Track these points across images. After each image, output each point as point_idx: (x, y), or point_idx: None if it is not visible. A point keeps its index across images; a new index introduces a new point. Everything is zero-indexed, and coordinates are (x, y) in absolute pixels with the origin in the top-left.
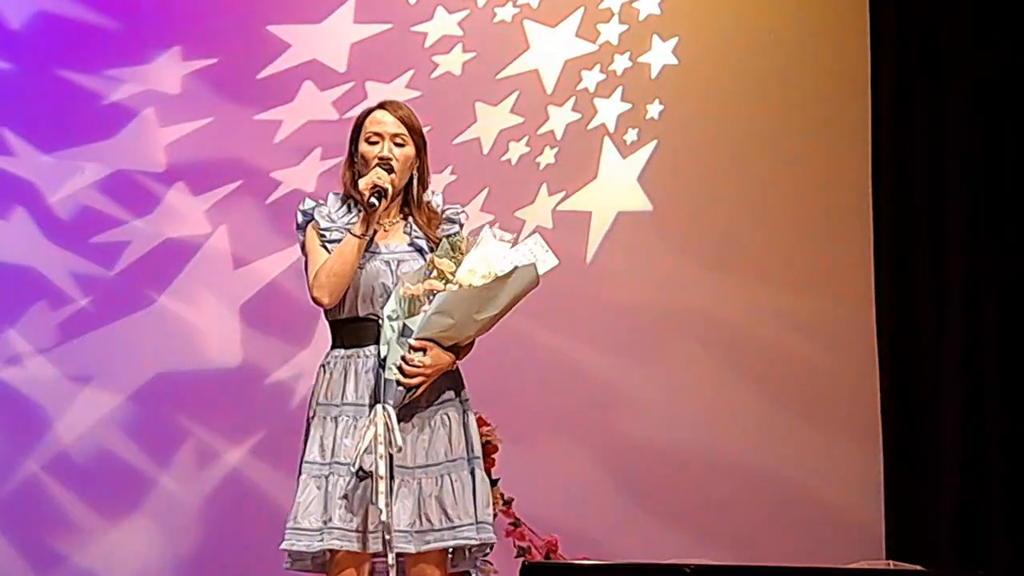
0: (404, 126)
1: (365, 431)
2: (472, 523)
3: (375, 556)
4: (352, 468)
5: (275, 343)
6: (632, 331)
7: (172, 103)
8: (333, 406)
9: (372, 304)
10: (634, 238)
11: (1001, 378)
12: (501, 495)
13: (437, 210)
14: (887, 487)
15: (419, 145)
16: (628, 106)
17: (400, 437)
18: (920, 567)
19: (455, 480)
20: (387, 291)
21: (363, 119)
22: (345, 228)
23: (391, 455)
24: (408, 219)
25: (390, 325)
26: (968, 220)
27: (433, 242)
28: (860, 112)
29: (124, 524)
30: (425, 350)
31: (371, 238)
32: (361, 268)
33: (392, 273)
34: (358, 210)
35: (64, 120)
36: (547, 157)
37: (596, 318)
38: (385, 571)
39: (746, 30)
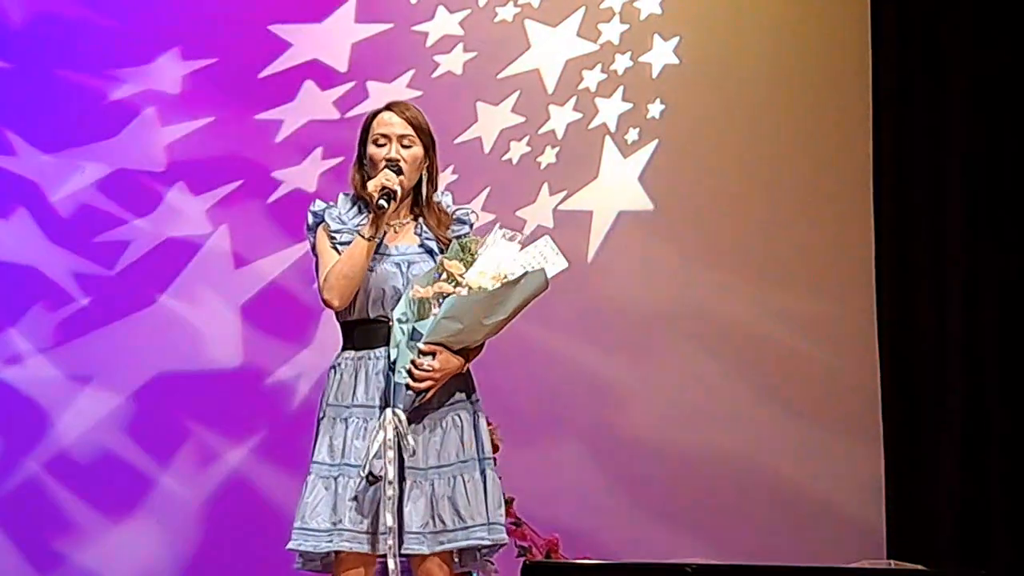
0: (411, 127)
1: (375, 436)
2: (484, 523)
3: (381, 557)
4: (362, 473)
5: (276, 343)
6: (633, 330)
7: (173, 102)
8: (343, 407)
9: (382, 306)
10: (635, 237)
11: (1001, 377)
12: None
13: (447, 210)
14: (888, 486)
15: (427, 145)
16: (629, 106)
17: (412, 440)
18: (921, 566)
19: (467, 481)
20: (397, 293)
21: (370, 121)
22: (355, 229)
23: (402, 458)
24: (418, 220)
25: (400, 328)
26: (968, 219)
27: (443, 243)
28: (861, 111)
29: (125, 524)
30: (434, 354)
31: (381, 240)
32: (371, 270)
33: (402, 275)
34: (368, 211)
35: (65, 120)
36: (548, 156)
37: (597, 317)
38: (386, 572)
39: (747, 29)
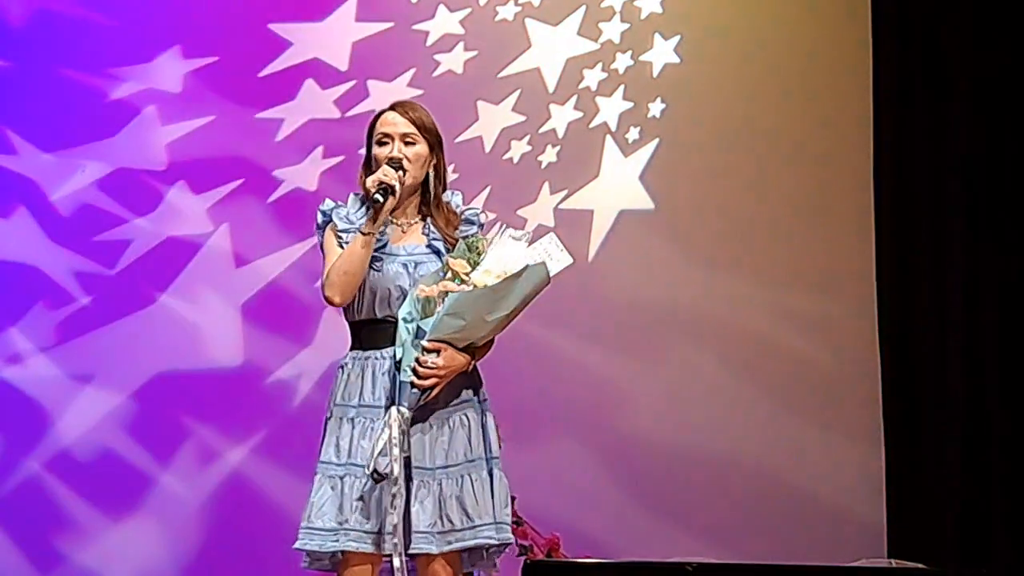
0: (414, 125)
1: (380, 434)
2: (492, 523)
3: (387, 557)
4: (367, 471)
5: (277, 342)
6: (634, 329)
7: (173, 101)
8: (350, 407)
9: (389, 306)
10: (636, 236)
11: (1002, 377)
12: None
13: (456, 211)
14: (889, 486)
15: (433, 144)
16: (630, 104)
17: (408, 440)
18: (922, 565)
19: (475, 480)
20: (403, 293)
21: (375, 121)
22: (359, 228)
23: (408, 456)
24: (426, 220)
25: (405, 327)
26: (969, 220)
27: (450, 243)
28: (862, 111)
29: (125, 523)
30: (439, 352)
31: (387, 239)
32: (378, 270)
33: (409, 275)
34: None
35: (65, 118)
36: (549, 155)
37: (598, 316)
38: (391, 571)
39: (748, 29)
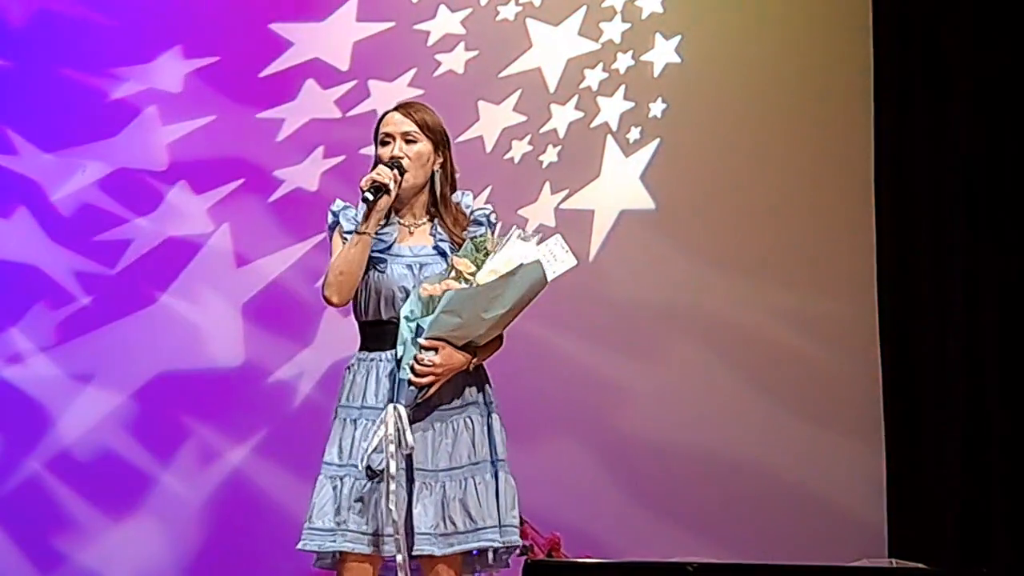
0: (415, 124)
1: (375, 430)
2: (495, 526)
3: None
4: (360, 467)
5: (277, 342)
6: (634, 329)
7: (174, 101)
8: (354, 408)
9: (394, 307)
10: (637, 236)
11: (1002, 377)
12: None
13: (466, 211)
14: (890, 485)
15: (437, 143)
16: (631, 104)
17: (411, 437)
18: (923, 565)
19: (478, 483)
20: (408, 295)
21: (379, 123)
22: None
23: (410, 458)
24: (434, 221)
25: (407, 325)
26: (969, 220)
27: (458, 244)
28: (862, 111)
29: (126, 523)
30: (436, 350)
31: (392, 240)
32: (382, 271)
33: (414, 276)
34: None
35: (66, 118)
36: (550, 155)
37: (599, 316)
38: (395, 570)
39: (749, 28)
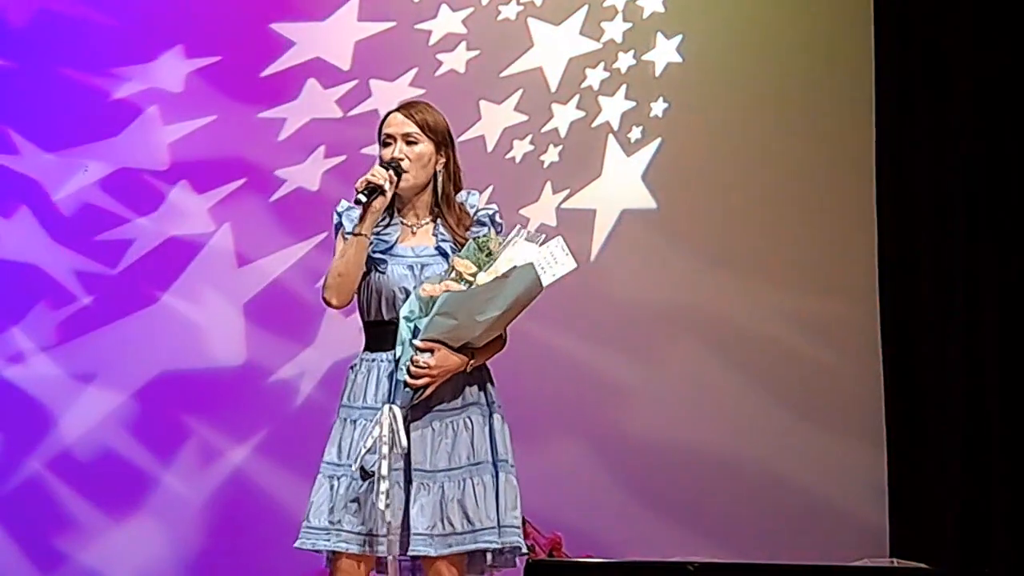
0: (415, 124)
1: (370, 431)
2: (494, 527)
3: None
4: (353, 467)
5: (279, 341)
6: (636, 329)
7: (175, 101)
8: (354, 408)
9: (395, 308)
10: (638, 236)
11: (1003, 377)
12: None
13: (470, 211)
14: (891, 486)
15: (440, 143)
16: (632, 104)
17: (405, 438)
18: (924, 565)
19: (477, 484)
20: (409, 295)
21: (381, 124)
22: (373, 232)
23: (409, 458)
24: (437, 221)
25: (406, 325)
26: (970, 220)
27: (460, 244)
28: (863, 111)
29: (127, 523)
30: (432, 351)
31: (394, 240)
32: (383, 272)
33: (415, 277)
34: (386, 212)
35: (67, 118)
36: (551, 155)
37: (600, 316)
38: (396, 570)
39: (750, 28)
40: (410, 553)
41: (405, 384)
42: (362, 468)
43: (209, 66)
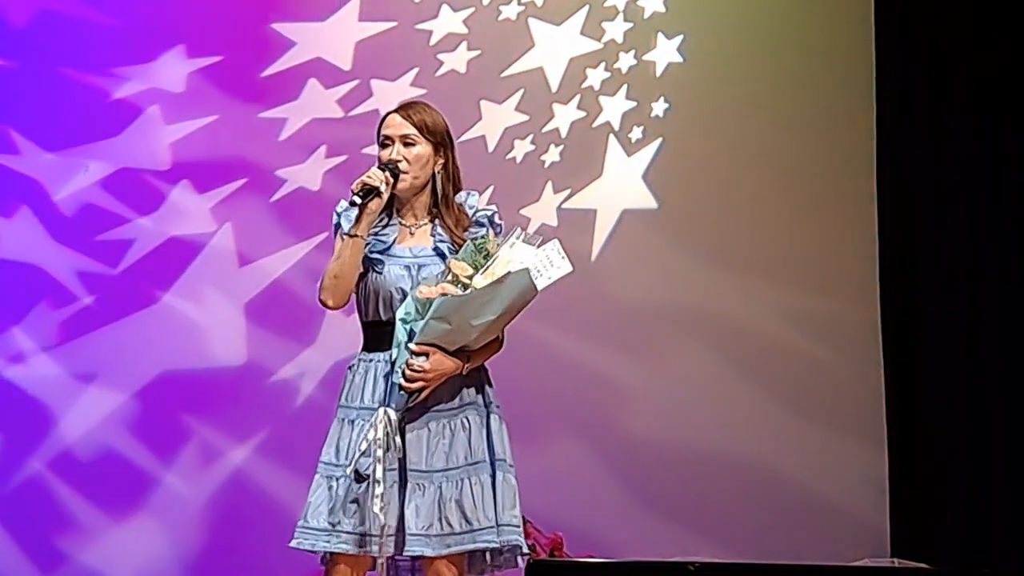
0: (413, 126)
1: (365, 434)
2: (492, 526)
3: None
4: (347, 471)
5: (280, 341)
6: (637, 329)
7: (176, 101)
8: (352, 409)
9: (392, 309)
10: (639, 236)
11: (1003, 377)
12: None
13: (469, 212)
14: (892, 485)
15: (438, 144)
16: (633, 104)
17: (399, 441)
18: (925, 565)
19: (474, 484)
20: (406, 296)
21: (380, 124)
22: (372, 233)
23: (404, 459)
24: (435, 222)
25: (403, 328)
26: (970, 220)
27: (458, 245)
28: (863, 111)
29: (128, 523)
30: (427, 355)
31: (392, 241)
32: (380, 273)
33: (412, 278)
34: (383, 213)
35: (68, 118)
36: (552, 155)
37: (601, 316)
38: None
39: (751, 28)
40: (407, 553)
41: (400, 387)
42: (356, 471)
43: (210, 66)
